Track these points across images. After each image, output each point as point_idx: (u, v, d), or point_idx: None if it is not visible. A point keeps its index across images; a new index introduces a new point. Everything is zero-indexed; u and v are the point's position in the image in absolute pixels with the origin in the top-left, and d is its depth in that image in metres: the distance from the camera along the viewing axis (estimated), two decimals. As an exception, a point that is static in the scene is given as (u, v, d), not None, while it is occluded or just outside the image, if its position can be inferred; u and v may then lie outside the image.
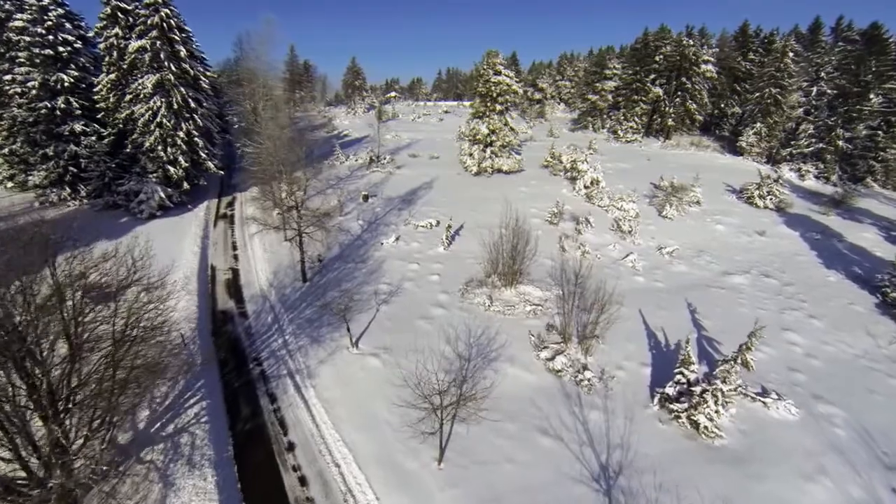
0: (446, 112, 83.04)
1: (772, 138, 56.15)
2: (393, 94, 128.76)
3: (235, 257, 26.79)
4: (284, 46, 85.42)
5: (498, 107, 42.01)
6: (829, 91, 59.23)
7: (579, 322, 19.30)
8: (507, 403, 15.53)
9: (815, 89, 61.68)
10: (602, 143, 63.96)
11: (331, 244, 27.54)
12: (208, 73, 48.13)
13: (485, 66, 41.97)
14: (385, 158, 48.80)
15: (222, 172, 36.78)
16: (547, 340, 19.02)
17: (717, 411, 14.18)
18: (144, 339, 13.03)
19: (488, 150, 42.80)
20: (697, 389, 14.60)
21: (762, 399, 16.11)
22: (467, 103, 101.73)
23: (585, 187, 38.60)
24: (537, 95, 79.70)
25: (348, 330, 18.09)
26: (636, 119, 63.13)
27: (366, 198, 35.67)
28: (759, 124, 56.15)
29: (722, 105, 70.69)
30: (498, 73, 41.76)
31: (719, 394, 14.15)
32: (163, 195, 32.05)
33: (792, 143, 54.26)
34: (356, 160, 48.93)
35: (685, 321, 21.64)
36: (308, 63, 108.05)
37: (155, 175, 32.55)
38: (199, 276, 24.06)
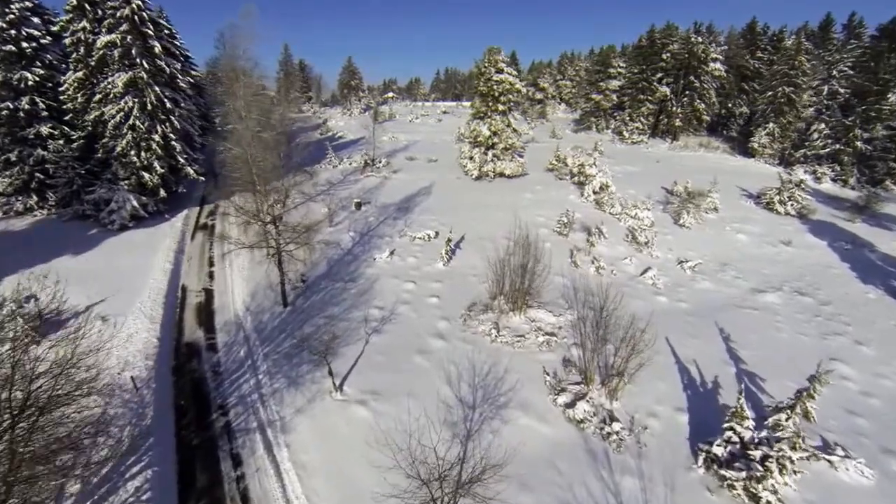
0: (445, 112, 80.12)
1: (785, 139, 53.37)
2: (390, 94, 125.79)
3: (211, 275, 23.83)
4: (278, 45, 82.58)
5: (500, 107, 39.11)
6: (841, 90, 56.59)
7: (601, 356, 16.45)
8: (521, 466, 12.66)
9: (826, 88, 59.00)
10: (607, 144, 61.03)
11: (317, 260, 24.61)
12: (193, 72, 45.19)
13: (486, 64, 39.06)
14: (380, 162, 45.87)
15: (203, 178, 33.76)
16: (564, 380, 16.15)
17: (784, 483, 11.32)
18: (66, 402, 10.17)
19: (490, 154, 39.91)
20: (756, 454, 11.74)
21: (827, 457, 13.27)
22: (466, 104, 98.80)
23: (594, 193, 35.72)
24: (538, 95, 76.83)
25: (330, 373, 15.17)
26: (642, 119, 60.29)
27: (358, 205, 32.74)
28: (771, 125, 53.35)
29: (729, 105, 67.88)
30: (500, 71, 38.86)
31: (787, 462, 11.30)
32: (136, 204, 29.07)
33: (806, 143, 51.50)
34: (350, 163, 45.98)
35: (719, 351, 18.79)
36: (304, 62, 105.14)
37: (128, 182, 29.56)
38: (167, 298, 21.11)
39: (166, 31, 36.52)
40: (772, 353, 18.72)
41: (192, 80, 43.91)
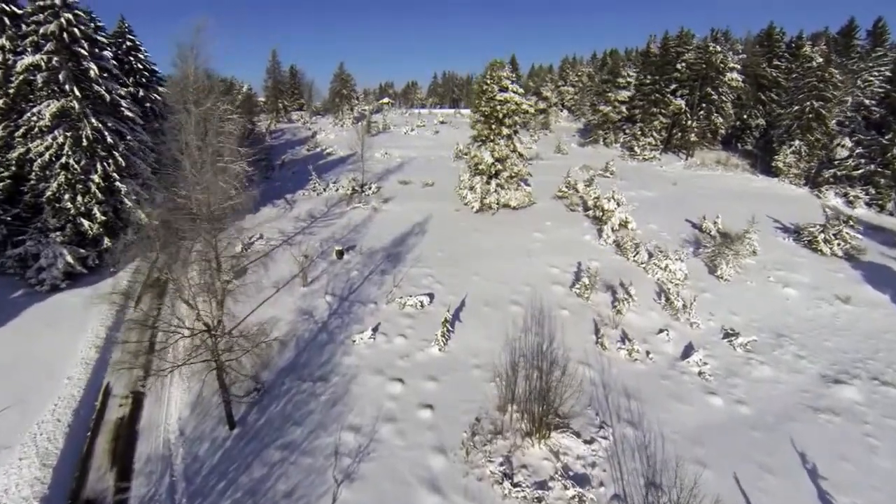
0: (442, 122, 74.84)
1: (812, 158, 48.39)
2: (386, 100, 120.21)
3: (147, 367, 18.65)
4: (266, 51, 76.82)
5: (505, 130, 33.92)
6: (866, 100, 51.67)
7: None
8: None
9: (850, 99, 54.04)
10: (617, 160, 56.01)
11: (283, 342, 19.49)
12: (163, 88, 39.73)
13: (488, 81, 33.82)
14: (370, 188, 40.66)
15: (157, 222, 28.49)
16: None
17: None
18: None
19: (493, 183, 34.76)
20: None
21: None
22: (464, 111, 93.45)
23: (613, 231, 30.67)
24: (541, 105, 71.59)
25: None
26: (654, 134, 55.19)
27: (340, 254, 27.59)
28: (797, 142, 48.32)
29: (745, 116, 62.79)
30: (504, 89, 33.65)
31: None
32: (71, 260, 23.85)
33: (835, 163, 46.55)
34: (336, 189, 40.73)
35: (809, 498, 13.84)
36: (295, 68, 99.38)
37: (62, 232, 24.32)
38: (79, 413, 15.98)
39: (96, 48, 30.76)
40: (880, 496, 13.81)
41: (159, 98, 38.53)
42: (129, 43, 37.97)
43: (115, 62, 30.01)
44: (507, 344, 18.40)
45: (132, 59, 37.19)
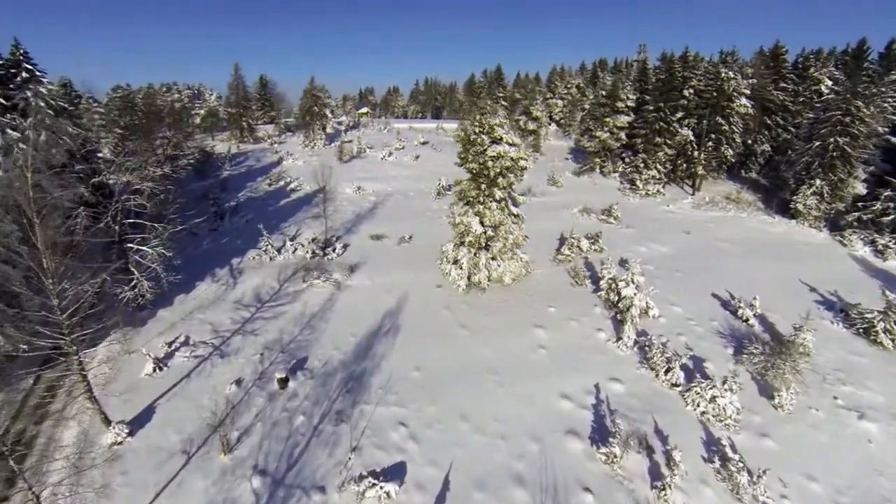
0: (423, 143, 67.35)
1: (834, 199, 42.86)
2: (365, 109, 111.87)
3: None
4: (227, 65, 68.07)
5: (498, 193, 27.00)
6: (880, 129, 46.41)
7: None
8: None
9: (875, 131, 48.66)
10: (616, 195, 49.78)
11: None
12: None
13: (477, 131, 26.77)
14: (334, 248, 33.29)
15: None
16: None
17: None
18: None
19: (483, 256, 27.84)
20: None
21: None
22: (447, 125, 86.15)
23: (634, 325, 24.18)
24: (531, 126, 64.75)
25: None
26: (658, 167, 48.96)
27: (284, 382, 20.33)
28: (818, 181, 42.63)
29: (749, 141, 57.15)
30: (498, 140, 26.65)
31: None
32: None
33: (861, 205, 41.06)
34: (294, 250, 33.20)
35: None
36: (265, 78, 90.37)
37: None
38: None
39: None
40: None
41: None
42: None
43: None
44: None
45: None
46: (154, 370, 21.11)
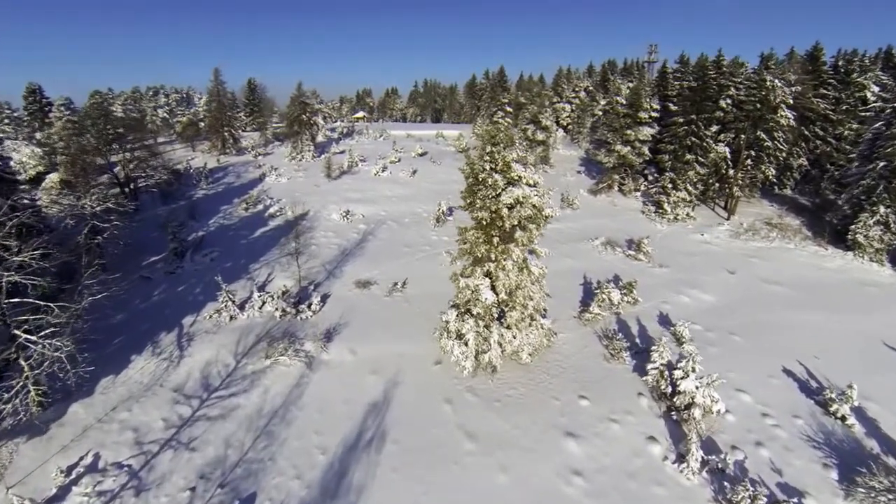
0: (422, 155, 60.62)
1: (901, 229, 36.20)
2: (361, 114, 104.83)
3: None
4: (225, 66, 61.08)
5: (516, 251, 20.36)
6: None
7: None
8: None
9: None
10: (642, 219, 43.16)
11: None
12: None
13: (488, 168, 20.07)
14: (311, 303, 26.73)
15: None
16: None
17: None
18: None
19: (495, 330, 21.23)
20: None
21: None
22: (448, 132, 79.32)
23: (700, 436, 17.68)
24: (540, 136, 57.92)
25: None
26: (689, 187, 42.23)
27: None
28: (882, 209, 35.94)
29: (784, 155, 50.37)
30: (514, 181, 19.98)
31: None
32: None
33: (932, 238, 34.46)
34: (259, 306, 26.58)
35: None
36: (254, 82, 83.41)
37: None
38: None
39: None
40: None
41: None
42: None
43: None
44: None
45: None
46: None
